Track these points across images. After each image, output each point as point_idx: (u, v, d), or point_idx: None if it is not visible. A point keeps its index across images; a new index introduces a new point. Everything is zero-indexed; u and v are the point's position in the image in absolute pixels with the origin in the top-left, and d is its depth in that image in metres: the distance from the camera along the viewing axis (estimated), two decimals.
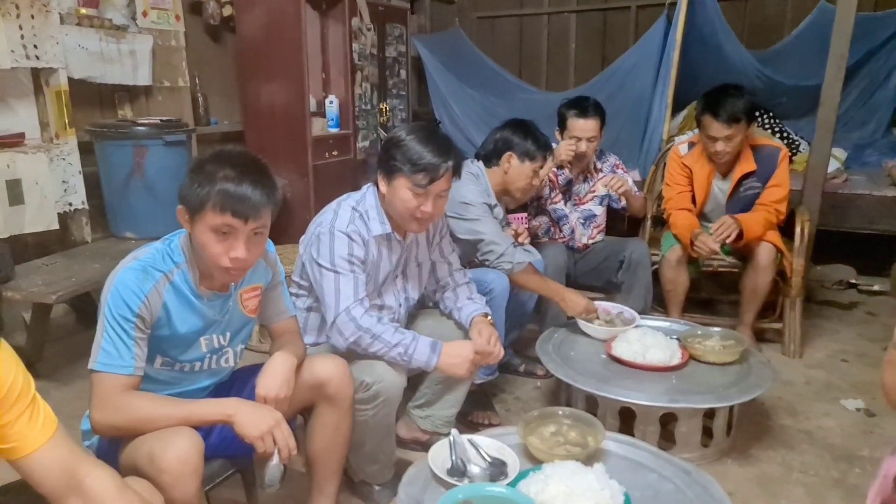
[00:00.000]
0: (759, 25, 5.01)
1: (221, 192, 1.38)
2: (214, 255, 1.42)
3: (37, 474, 1.09)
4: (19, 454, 1.07)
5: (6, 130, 2.96)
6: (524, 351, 2.87)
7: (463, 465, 1.60)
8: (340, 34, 4.13)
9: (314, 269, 1.87)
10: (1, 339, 1.05)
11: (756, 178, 2.91)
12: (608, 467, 1.52)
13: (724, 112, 2.73)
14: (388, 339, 1.80)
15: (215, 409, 1.45)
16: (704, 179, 2.98)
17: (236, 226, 1.40)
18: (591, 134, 2.84)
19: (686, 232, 2.88)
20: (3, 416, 1.05)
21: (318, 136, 3.99)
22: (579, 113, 2.84)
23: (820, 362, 2.96)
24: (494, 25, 5.98)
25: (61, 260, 2.95)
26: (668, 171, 3.12)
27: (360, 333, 1.79)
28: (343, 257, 1.82)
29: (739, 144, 2.83)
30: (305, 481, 1.84)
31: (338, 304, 1.81)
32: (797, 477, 2.12)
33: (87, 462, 1.15)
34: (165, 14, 3.65)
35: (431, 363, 1.83)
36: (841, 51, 2.96)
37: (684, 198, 3.02)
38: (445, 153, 1.83)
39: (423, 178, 1.81)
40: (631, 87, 4.35)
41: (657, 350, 2.22)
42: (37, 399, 1.11)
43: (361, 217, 1.90)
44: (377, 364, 1.80)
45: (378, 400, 1.78)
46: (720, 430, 2.16)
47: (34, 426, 1.09)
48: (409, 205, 1.84)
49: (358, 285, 1.83)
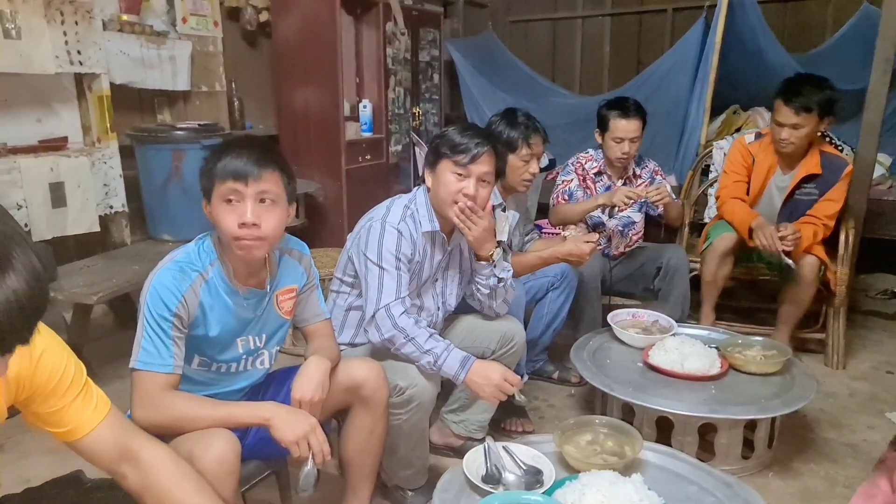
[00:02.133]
0: (799, 28, 4.91)
1: (223, 164, 1.43)
2: (227, 224, 1.43)
3: (93, 453, 1.15)
4: (76, 436, 1.12)
5: (50, 134, 3.04)
6: (558, 358, 2.84)
7: (498, 472, 1.59)
8: (374, 39, 4.16)
9: (360, 261, 1.89)
10: (49, 330, 1.08)
11: (816, 185, 2.83)
12: (646, 478, 1.49)
13: (796, 99, 2.67)
14: (421, 343, 1.80)
15: (253, 413, 1.46)
16: (765, 172, 2.90)
17: (239, 188, 1.42)
18: (634, 134, 2.80)
19: (746, 219, 2.81)
20: (58, 402, 1.09)
21: (352, 140, 4.02)
22: (622, 113, 2.79)
23: (864, 374, 2.87)
24: (528, 29, 5.97)
25: (102, 261, 3.00)
26: (729, 158, 3.04)
27: (395, 332, 1.80)
28: (391, 252, 1.84)
29: (807, 137, 2.75)
30: (339, 484, 1.85)
31: (379, 299, 1.82)
32: (841, 492, 2.05)
33: (142, 436, 1.20)
34: (204, 20, 3.71)
35: (460, 378, 1.82)
36: (886, 55, 2.88)
37: (740, 187, 2.95)
38: (485, 136, 1.89)
39: (463, 157, 1.85)
40: (667, 91, 4.30)
41: (696, 359, 2.18)
42: (89, 383, 1.15)
43: (412, 215, 1.93)
44: (411, 368, 1.81)
45: (412, 404, 1.77)
46: (761, 442, 2.11)
47: (88, 409, 1.13)
48: (451, 188, 1.87)
49: (401, 283, 1.85)
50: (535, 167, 2.49)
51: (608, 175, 2.96)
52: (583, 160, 2.99)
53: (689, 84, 4.08)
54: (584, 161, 2.99)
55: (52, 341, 1.09)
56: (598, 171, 2.96)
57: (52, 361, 1.08)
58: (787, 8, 4.99)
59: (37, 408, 1.08)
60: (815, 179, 2.83)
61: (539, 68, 5.50)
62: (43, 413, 1.09)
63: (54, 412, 1.10)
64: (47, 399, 1.08)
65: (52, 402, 1.09)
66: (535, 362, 2.76)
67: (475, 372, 1.81)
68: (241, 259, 1.51)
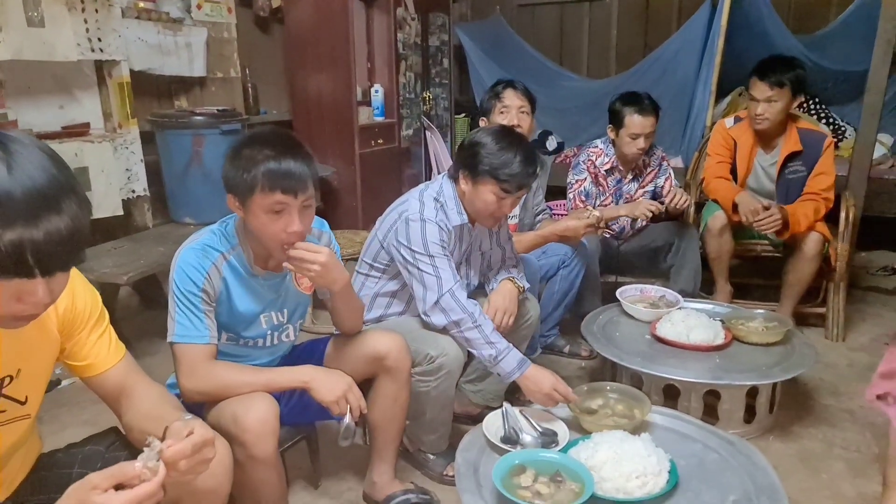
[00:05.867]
0: (804, 10, 4.93)
1: (266, 172, 1.43)
2: (272, 234, 1.49)
3: (105, 390, 1.26)
4: (93, 372, 1.24)
5: (72, 121, 3.12)
6: (569, 333, 2.94)
7: (516, 434, 1.69)
8: (385, 24, 4.23)
9: (404, 253, 1.94)
10: (79, 274, 1.20)
11: (801, 162, 2.93)
12: (654, 437, 1.59)
13: (770, 74, 2.79)
14: (487, 333, 1.87)
15: (293, 377, 1.57)
16: (747, 152, 3.01)
17: (288, 202, 1.46)
18: (650, 130, 2.83)
19: (728, 195, 2.92)
20: (85, 336, 1.21)
21: (364, 125, 4.09)
22: (638, 110, 2.80)
23: (863, 345, 2.98)
24: (535, 13, 6.00)
25: (127, 244, 3.10)
26: (712, 142, 3.16)
27: (464, 315, 1.87)
28: (436, 243, 1.92)
29: (781, 113, 2.85)
30: (363, 452, 1.96)
31: (441, 286, 1.89)
32: (838, 453, 2.17)
33: (144, 379, 1.30)
34: (218, 7, 3.78)
35: (512, 377, 1.87)
36: (888, 36, 2.95)
37: (723, 167, 3.06)
38: (532, 163, 1.93)
39: (511, 186, 1.91)
40: (674, 74, 4.36)
41: (701, 330, 2.28)
42: (110, 327, 1.27)
43: (443, 208, 2.00)
44: (441, 338, 1.89)
45: (441, 372, 1.87)
46: (763, 407, 2.22)
47: (107, 348, 1.25)
48: (490, 207, 1.95)
49: (454, 269, 1.93)
50: (515, 119, 2.54)
51: (620, 170, 3.00)
52: (593, 157, 2.99)
53: (696, 66, 4.15)
54: (594, 158, 2.99)
55: (82, 278, 1.21)
56: (609, 168, 2.98)
57: (83, 292, 1.20)
58: None
59: (66, 340, 1.19)
60: (799, 156, 2.93)
61: (547, 52, 5.55)
62: (69, 345, 1.20)
63: (79, 344, 1.21)
64: (79, 329, 1.20)
65: (81, 334, 1.20)
66: (547, 337, 2.87)
67: (528, 377, 1.85)
68: (278, 257, 1.56)
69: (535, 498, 1.41)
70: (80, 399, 2.51)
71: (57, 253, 0.87)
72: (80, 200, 0.90)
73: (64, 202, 0.86)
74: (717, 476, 1.53)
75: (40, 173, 0.86)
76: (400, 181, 4.41)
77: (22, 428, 1.14)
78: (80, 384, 1.30)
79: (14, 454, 1.17)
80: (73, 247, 0.89)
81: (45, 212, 0.84)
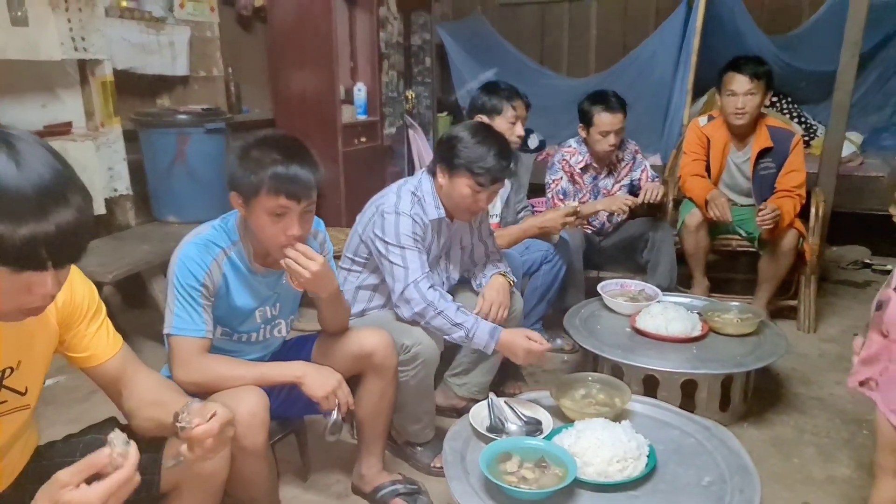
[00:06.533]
0: (777, 11, 5.04)
1: (273, 176, 1.47)
2: (272, 235, 1.54)
3: (105, 379, 1.30)
4: (95, 362, 1.28)
5: (54, 119, 3.10)
6: (552, 327, 3.00)
7: (501, 423, 1.75)
8: (368, 23, 4.26)
9: (379, 246, 2.00)
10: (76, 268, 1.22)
11: (772, 159, 3.03)
12: (634, 424, 1.65)
13: (747, 68, 2.90)
14: (451, 316, 1.93)
15: (285, 372, 1.61)
16: (720, 150, 3.10)
17: (291, 206, 1.51)
18: (619, 126, 2.93)
19: (701, 193, 3.01)
20: (84, 328, 1.25)
21: (348, 124, 4.11)
22: (606, 108, 2.91)
23: (833, 337, 3.08)
24: (516, 12, 6.06)
25: (111, 242, 3.09)
26: (686, 140, 3.25)
27: (425, 305, 1.93)
28: (408, 235, 1.97)
29: (758, 108, 2.96)
30: (351, 447, 2.00)
31: (407, 277, 1.95)
32: (809, 438, 2.27)
33: (143, 368, 1.35)
34: (201, 6, 3.78)
35: (490, 347, 1.95)
36: (854, 38, 3.06)
37: (698, 165, 3.15)
38: (507, 157, 1.98)
39: (485, 179, 1.96)
40: (651, 74, 4.44)
41: (678, 323, 2.36)
42: (107, 319, 1.31)
43: (420, 202, 2.05)
44: (416, 329, 1.95)
45: (417, 361, 1.92)
46: (737, 395, 2.31)
47: (106, 339, 1.29)
48: (467, 200, 2.01)
49: (423, 261, 1.98)
50: (520, 129, 2.63)
51: (594, 167, 3.10)
52: (567, 156, 3.09)
53: (673, 66, 4.23)
54: (568, 157, 3.08)
55: (79, 272, 1.25)
56: (584, 166, 3.08)
57: (80, 286, 1.24)
58: None
59: (65, 332, 1.23)
60: (769, 153, 3.04)
61: (527, 51, 5.61)
62: (68, 337, 1.24)
63: (79, 336, 1.25)
64: (77, 321, 1.24)
65: (80, 326, 1.24)
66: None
67: (503, 343, 1.93)
68: (277, 257, 1.60)
69: (520, 483, 1.46)
70: (65, 398, 2.52)
71: (68, 244, 0.91)
72: (84, 193, 0.94)
73: (70, 195, 0.90)
74: (693, 459, 1.60)
75: (46, 169, 0.89)
76: (383, 179, 4.44)
77: (22, 418, 1.17)
78: (64, 383, 1.34)
79: (14, 444, 1.20)
80: (82, 238, 0.93)
81: (54, 205, 0.88)
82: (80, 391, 2.54)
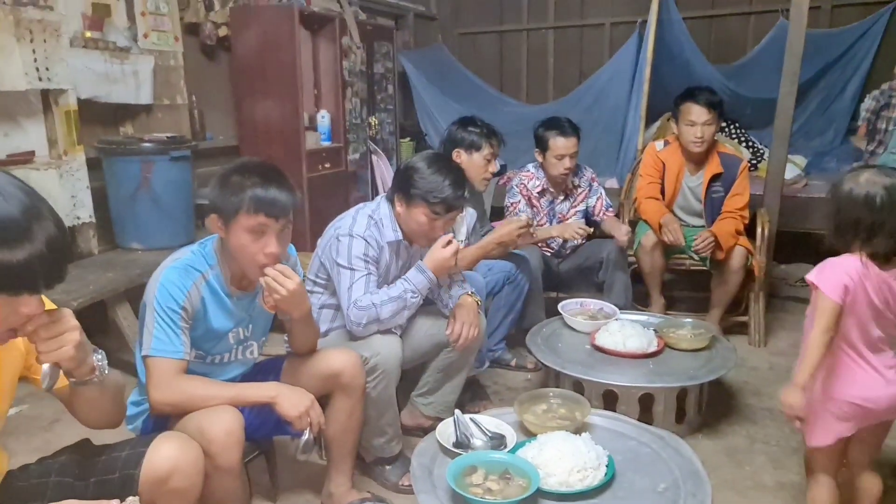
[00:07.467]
0: (723, 42, 5.31)
1: (252, 197, 1.56)
2: (251, 253, 1.60)
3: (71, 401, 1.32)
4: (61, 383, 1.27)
5: (17, 148, 3.09)
6: (515, 347, 3.08)
7: (467, 438, 1.81)
8: (331, 52, 4.35)
9: (333, 269, 2.08)
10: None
11: (721, 183, 3.20)
12: (594, 436, 1.73)
13: (703, 98, 3.07)
14: (392, 294, 2.01)
15: (259, 392, 1.66)
16: (675, 174, 3.26)
17: (269, 224, 1.59)
18: (573, 150, 3.06)
19: (656, 217, 3.16)
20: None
21: (312, 150, 4.18)
22: (560, 132, 3.05)
23: (782, 350, 3.22)
24: (476, 41, 6.24)
25: (74, 270, 3.07)
26: (643, 163, 3.40)
27: (364, 312, 1.99)
28: (359, 257, 2.04)
29: (713, 136, 3.13)
30: (320, 467, 2.03)
31: (349, 298, 2.01)
32: (760, 447, 2.38)
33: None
34: (165, 35, 3.82)
35: (433, 278, 2.06)
36: (793, 69, 3.25)
37: (654, 188, 3.30)
38: (461, 186, 2.07)
39: (441, 208, 2.05)
40: (607, 100, 4.62)
41: (636, 339, 2.46)
42: None
43: (377, 224, 2.13)
44: (373, 340, 2.01)
45: (377, 372, 1.97)
46: (692, 407, 2.41)
47: None
48: (424, 228, 2.09)
49: (369, 282, 2.05)
50: (494, 166, 2.74)
51: (551, 192, 3.22)
52: (525, 180, 3.21)
53: (627, 93, 4.40)
54: (526, 181, 3.21)
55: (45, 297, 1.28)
56: (541, 190, 3.20)
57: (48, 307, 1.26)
58: (711, 23, 5.40)
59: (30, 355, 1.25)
60: (720, 178, 3.22)
61: (487, 78, 5.77)
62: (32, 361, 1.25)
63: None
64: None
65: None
66: (494, 351, 3.00)
67: (432, 268, 2.06)
68: (254, 277, 1.66)
69: (486, 494, 1.52)
70: (28, 427, 2.49)
71: (58, 264, 0.95)
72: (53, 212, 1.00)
73: (47, 213, 0.97)
74: (650, 467, 1.69)
75: (22, 193, 0.96)
76: (347, 204, 4.48)
77: None
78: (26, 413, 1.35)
79: None
80: (68, 256, 0.99)
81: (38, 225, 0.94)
82: (42, 420, 2.52)
